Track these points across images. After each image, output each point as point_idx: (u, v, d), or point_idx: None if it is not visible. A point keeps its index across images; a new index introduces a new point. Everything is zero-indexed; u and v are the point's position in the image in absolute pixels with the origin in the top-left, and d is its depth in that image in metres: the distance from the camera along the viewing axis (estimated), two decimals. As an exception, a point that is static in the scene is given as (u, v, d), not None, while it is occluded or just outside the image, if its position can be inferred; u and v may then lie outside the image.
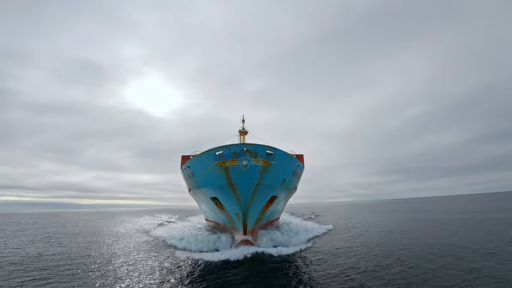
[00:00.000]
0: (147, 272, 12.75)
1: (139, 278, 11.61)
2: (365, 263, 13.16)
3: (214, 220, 29.27)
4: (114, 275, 12.16)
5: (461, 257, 13.30)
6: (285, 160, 20.82)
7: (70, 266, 13.98)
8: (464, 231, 22.02)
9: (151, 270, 13.14)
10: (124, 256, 16.51)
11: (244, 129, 34.74)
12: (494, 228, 22.87)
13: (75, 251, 18.29)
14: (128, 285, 10.79)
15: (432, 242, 17.73)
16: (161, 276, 12.01)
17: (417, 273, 11.20)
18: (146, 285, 10.76)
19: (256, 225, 21.05)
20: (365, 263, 13.16)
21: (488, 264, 12.05)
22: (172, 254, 17.08)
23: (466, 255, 13.84)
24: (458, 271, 11.24)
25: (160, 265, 14.07)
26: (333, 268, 12.49)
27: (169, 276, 12.09)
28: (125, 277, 11.81)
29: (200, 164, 21.20)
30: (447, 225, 26.24)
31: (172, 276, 12.03)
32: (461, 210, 47.56)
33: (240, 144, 18.21)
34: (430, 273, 11.05)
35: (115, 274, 12.32)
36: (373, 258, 14.19)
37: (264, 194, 19.98)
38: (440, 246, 16.21)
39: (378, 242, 18.97)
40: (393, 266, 12.35)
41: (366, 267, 12.31)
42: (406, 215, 43.17)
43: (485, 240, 17.61)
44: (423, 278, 10.54)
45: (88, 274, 12.30)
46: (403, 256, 14.14)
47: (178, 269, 13.28)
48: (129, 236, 26.33)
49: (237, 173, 18.22)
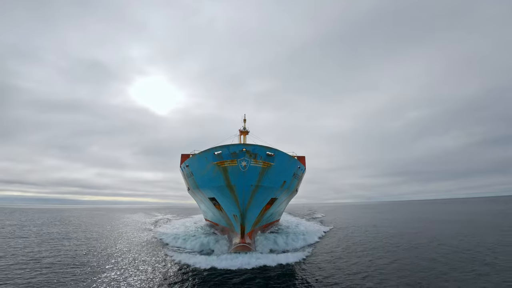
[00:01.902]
0: (138, 272, 12.40)
1: (130, 279, 11.21)
2: (367, 266, 12.66)
3: (213, 220, 28.89)
4: (101, 275, 11.79)
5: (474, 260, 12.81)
6: (286, 162, 20.29)
7: (62, 269, 13.61)
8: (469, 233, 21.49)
9: (142, 270, 12.79)
10: (117, 256, 16.13)
11: (245, 128, 34.14)
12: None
13: (71, 253, 17.96)
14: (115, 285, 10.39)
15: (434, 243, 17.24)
16: (153, 277, 11.67)
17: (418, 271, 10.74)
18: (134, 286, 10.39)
19: (255, 227, 20.59)
20: (366, 266, 12.67)
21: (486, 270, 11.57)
22: (167, 255, 16.71)
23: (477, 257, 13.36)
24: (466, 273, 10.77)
25: (152, 266, 13.68)
26: (334, 273, 12.01)
27: (161, 277, 11.71)
28: (115, 278, 11.43)
29: (199, 164, 20.75)
30: (454, 227, 25.74)
31: (164, 279, 11.66)
32: (462, 212, 47.05)
33: (240, 144, 17.70)
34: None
35: (102, 274, 11.94)
36: (375, 261, 13.75)
37: (263, 196, 19.47)
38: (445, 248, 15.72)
39: (380, 244, 18.46)
40: (397, 268, 11.87)
41: (368, 272, 11.81)
42: (408, 216, 42.65)
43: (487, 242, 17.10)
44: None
45: (78, 276, 11.91)
46: (405, 257, 13.67)
47: (171, 271, 12.88)
48: (126, 235, 26.00)
49: (236, 174, 17.72)
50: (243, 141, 33.43)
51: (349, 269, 12.85)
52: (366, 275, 11.63)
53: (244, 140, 33.67)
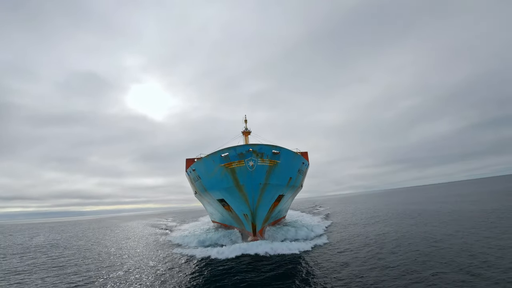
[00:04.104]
0: (157, 273, 12.84)
1: (149, 281, 11.66)
2: (374, 258, 13.07)
3: (221, 221, 29.37)
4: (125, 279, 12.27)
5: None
6: (291, 159, 20.87)
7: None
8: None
9: (161, 270, 13.29)
10: (133, 260, 16.41)
11: (247, 129, 34.72)
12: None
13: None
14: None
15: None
16: (171, 276, 12.17)
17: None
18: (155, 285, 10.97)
19: (265, 225, 21.16)
20: (374, 258, 13.08)
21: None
22: (181, 254, 17.29)
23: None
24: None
25: (169, 265, 14.05)
26: (345, 262, 12.48)
27: (181, 274, 12.23)
28: (135, 281, 11.94)
29: (206, 167, 21.21)
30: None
31: (183, 275, 12.23)
32: (463, 194, 48.08)
33: (246, 145, 18.19)
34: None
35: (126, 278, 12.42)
36: (381, 251, 14.09)
37: (272, 193, 20.06)
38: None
39: (383, 232, 18.96)
40: (401, 258, 12.41)
41: (376, 263, 12.24)
42: (411, 205, 43.48)
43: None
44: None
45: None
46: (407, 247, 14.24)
47: (189, 267, 13.39)
48: (137, 241, 26.32)
49: (244, 174, 18.26)
50: (247, 141, 33.90)
51: (362, 258, 13.36)
52: (374, 264, 12.09)
53: (247, 141, 34.14)
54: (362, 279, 10.09)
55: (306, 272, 11.54)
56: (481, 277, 9.16)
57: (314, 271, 11.56)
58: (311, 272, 11.45)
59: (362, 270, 11.08)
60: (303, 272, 11.50)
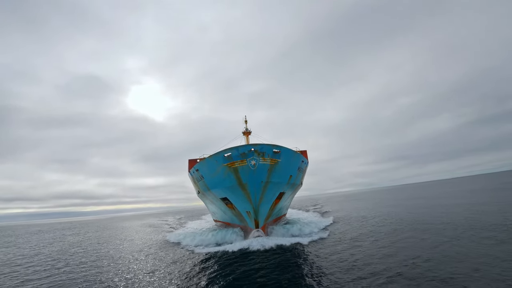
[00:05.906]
0: (160, 272, 13.10)
1: (159, 280, 12.07)
2: (372, 255, 13.41)
3: (223, 220, 30.14)
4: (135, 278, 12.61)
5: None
6: (291, 157, 21.62)
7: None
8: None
9: (163, 269, 13.58)
10: (133, 260, 16.63)
11: (247, 129, 35.52)
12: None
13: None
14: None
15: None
16: (180, 274, 12.47)
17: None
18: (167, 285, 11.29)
19: (267, 222, 21.95)
20: (371, 255, 13.42)
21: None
22: (189, 251, 17.91)
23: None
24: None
25: (172, 264, 14.51)
26: (347, 256, 13.09)
27: (184, 272, 12.64)
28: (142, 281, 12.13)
29: (209, 167, 21.93)
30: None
31: (186, 272, 12.64)
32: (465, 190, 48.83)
33: (248, 145, 18.95)
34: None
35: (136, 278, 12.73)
36: (379, 249, 14.26)
37: (273, 191, 20.87)
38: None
39: (383, 230, 19.47)
40: (401, 256, 13.14)
41: (373, 260, 12.41)
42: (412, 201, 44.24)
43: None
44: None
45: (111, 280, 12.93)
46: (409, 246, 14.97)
47: (192, 264, 13.94)
48: (141, 241, 26.97)
49: (246, 173, 19.03)
50: (247, 141, 34.66)
51: (362, 253, 14.02)
52: (377, 260, 12.49)
53: (248, 141, 34.92)
54: (367, 274, 10.22)
55: (310, 267, 12.04)
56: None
57: (317, 265, 12.09)
58: (313, 267, 11.99)
59: (366, 264, 11.44)
60: (306, 267, 12.02)
